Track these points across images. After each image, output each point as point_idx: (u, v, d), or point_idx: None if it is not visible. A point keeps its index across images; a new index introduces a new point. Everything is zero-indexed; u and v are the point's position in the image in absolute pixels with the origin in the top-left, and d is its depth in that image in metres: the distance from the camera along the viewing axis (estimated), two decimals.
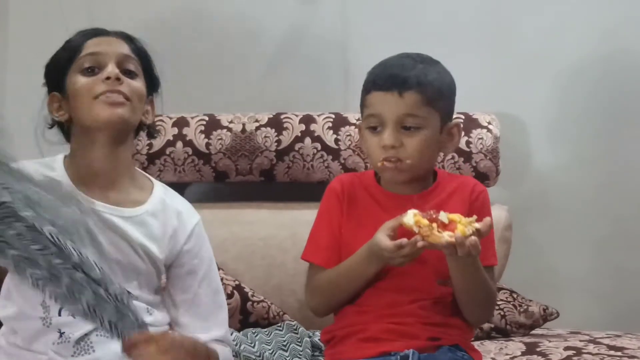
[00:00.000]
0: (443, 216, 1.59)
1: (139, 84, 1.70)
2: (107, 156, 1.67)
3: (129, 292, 1.59)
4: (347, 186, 1.80)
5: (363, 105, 1.76)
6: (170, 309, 1.74)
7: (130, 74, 1.69)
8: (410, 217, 1.59)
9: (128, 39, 1.73)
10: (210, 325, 1.72)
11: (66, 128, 1.73)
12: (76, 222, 1.34)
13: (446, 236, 1.56)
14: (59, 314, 1.61)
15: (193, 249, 1.74)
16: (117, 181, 1.69)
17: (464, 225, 1.57)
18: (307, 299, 1.84)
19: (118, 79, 1.64)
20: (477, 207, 1.75)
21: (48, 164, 1.69)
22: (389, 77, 1.71)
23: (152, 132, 1.82)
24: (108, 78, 1.64)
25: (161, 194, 1.75)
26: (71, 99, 1.68)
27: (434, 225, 1.57)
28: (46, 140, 1.75)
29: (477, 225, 1.59)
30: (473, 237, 1.57)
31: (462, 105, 2.44)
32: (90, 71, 1.67)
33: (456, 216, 1.59)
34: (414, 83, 1.68)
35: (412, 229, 1.58)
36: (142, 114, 1.73)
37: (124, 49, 1.70)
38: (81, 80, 1.66)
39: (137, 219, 1.68)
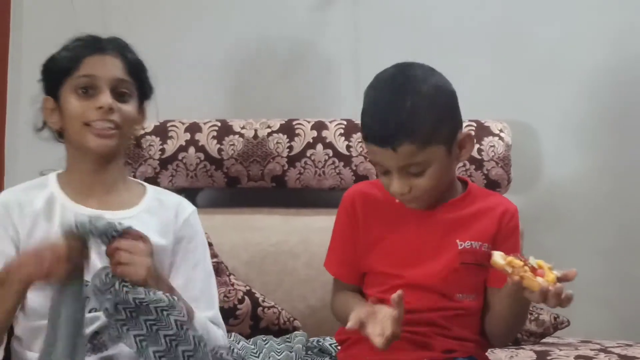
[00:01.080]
0: (532, 261, 1.52)
1: (130, 107, 1.73)
2: (98, 170, 1.73)
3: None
4: (361, 199, 1.77)
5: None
6: None
7: (123, 97, 1.73)
8: (499, 257, 1.52)
9: (123, 54, 1.75)
10: (200, 306, 1.73)
11: (57, 135, 1.77)
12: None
13: (542, 282, 1.49)
14: None
15: (188, 235, 1.78)
16: (111, 188, 1.75)
17: (550, 273, 1.51)
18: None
19: (111, 109, 1.68)
20: (510, 229, 1.73)
21: (39, 184, 1.75)
22: (378, 132, 1.63)
23: (139, 144, 1.91)
24: (101, 107, 1.68)
25: (154, 193, 1.81)
26: (64, 115, 1.72)
27: (526, 267, 1.51)
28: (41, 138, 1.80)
29: (557, 273, 1.52)
30: (570, 292, 1.50)
31: (473, 112, 2.45)
32: (84, 92, 1.70)
33: (541, 262, 1.53)
34: (405, 134, 1.59)
35: (504, 269, 1.51)
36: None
37: (119, 71, 1.73)
38: (74, 103, 1.70)
39: (134, 218, 1.71)
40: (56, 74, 1.74)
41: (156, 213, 1.76)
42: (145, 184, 1.84)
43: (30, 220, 1.69)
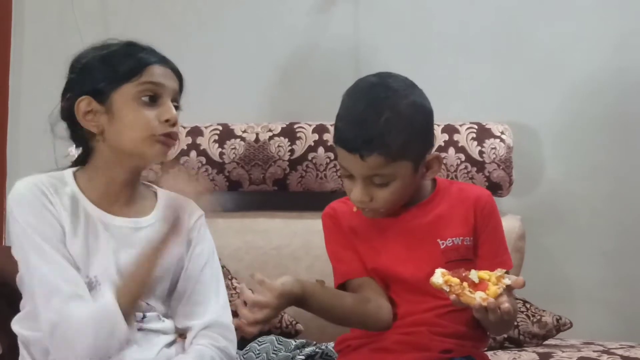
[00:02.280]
0: (473, 275, 1.54)
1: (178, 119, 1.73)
2: (129, 180, 1.72)
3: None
4: (339, 213, 1.78)
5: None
6: (172, 302, 1.75)
7: (176, 109, 1.71)
8: (439, 276, 1.54)
9: (178, 73, 1.74)
10: (205, 310, 1.73)
11: (90, 138, 1.71)
12: None
13: (478, 298, 1.51)
14: None
15: (195, 239, 1.77)
16: (132, 196, 1.74)
17: (494, 284, 1.53)
18: None
19: (175, 122, 1.67)
20: (486, 215, 1.73)
21: (60, 178, 1.70)
22: (350, 138, 1.63)
23: None
24: (167, 120, 1.66)
25: (166, 198, 1.77)
26: (117, 122, 1.66)
27: (465, 284, 1.53)
28: (59, 137, 1.75)
29: (508, 281, 1.54)
30: (506, 305, 1.52)
31: (475, 115, 2.46)
32: (150, 100, 1.66)
33: (485, 274, 1.55)
34: (375, 145, 1.60)
35: (442, 288, 1.53)
36: None
37: (177, 84, 1.72)
38: (139, 113, 1.65)
39: (152, 226, 1.71)
40: (106, 73, 1.66)
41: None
42: (154, 186, 1.82)
43: (62, 211, 1.65)
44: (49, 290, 1.58)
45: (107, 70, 1.67)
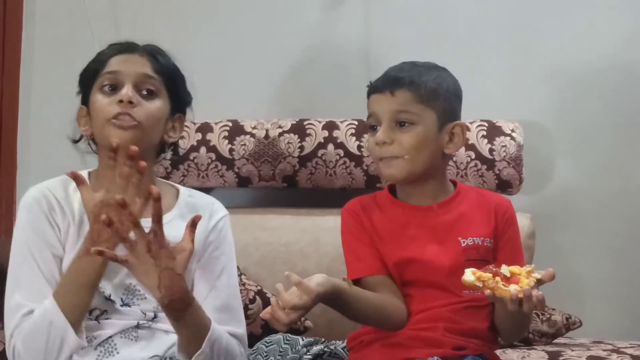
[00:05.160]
0: (505, 270, 1.55)
1: (156, 105, 1.71)
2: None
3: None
4: (360, 208, 1.79)
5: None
6: None
7: (149, 94, 1.71)
8: (469, 274, 1.55)
9: (154, 56, 1.73)
10: (228, 319, 1.73)
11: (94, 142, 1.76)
12: None
13: (513, 290, 1.53)
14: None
15: (215, 241, 1.77)
16: (142, 195, 1.70)
17: (525, 277, 1.55)
18: None
19: (131, 102, 1.67)
20: (507, 220, 1.77)
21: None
22: (384, 79, 1.76)
23: (176, 151, 1.86)
24: (121, 101, 1.67)
25: (187, 197, 1.79)
26: (92, 117, 1.72)
27: (498, 278, 1.54)
28: (75, 148, 1.81)
29: (537, 275, 1.56)
30: (540, 293, 1.54)
31: (485, 112, 2.45)
32: (111, 89, 1.70)
33: (516, 268, 1.56)
34: (406, 82, 1.72)
35: (475, 285, 1.54)
36: (164, 134, 1.75)
37: (146, 68, 1.71)
38: (99, 100, 1.70)
39: (167, 225, 1.67)
40: (86, 79, 1.74)
41: (187, 219, 1.70)
42: (178, 185, 1.83)
43: (67, 222, 1.68)
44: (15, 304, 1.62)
45: (86, 75, 1.75)
